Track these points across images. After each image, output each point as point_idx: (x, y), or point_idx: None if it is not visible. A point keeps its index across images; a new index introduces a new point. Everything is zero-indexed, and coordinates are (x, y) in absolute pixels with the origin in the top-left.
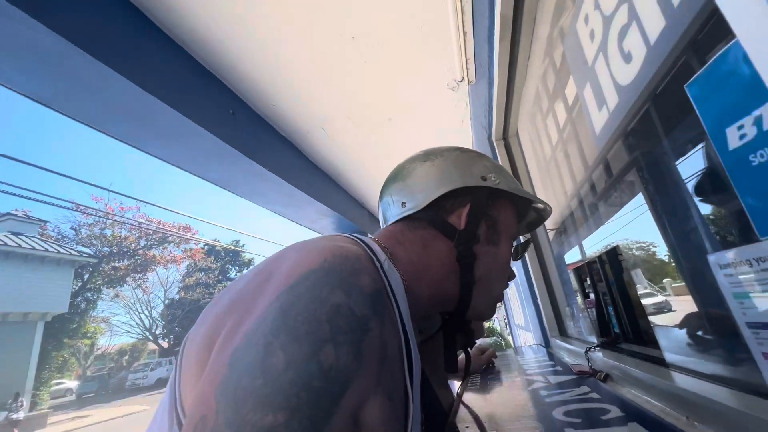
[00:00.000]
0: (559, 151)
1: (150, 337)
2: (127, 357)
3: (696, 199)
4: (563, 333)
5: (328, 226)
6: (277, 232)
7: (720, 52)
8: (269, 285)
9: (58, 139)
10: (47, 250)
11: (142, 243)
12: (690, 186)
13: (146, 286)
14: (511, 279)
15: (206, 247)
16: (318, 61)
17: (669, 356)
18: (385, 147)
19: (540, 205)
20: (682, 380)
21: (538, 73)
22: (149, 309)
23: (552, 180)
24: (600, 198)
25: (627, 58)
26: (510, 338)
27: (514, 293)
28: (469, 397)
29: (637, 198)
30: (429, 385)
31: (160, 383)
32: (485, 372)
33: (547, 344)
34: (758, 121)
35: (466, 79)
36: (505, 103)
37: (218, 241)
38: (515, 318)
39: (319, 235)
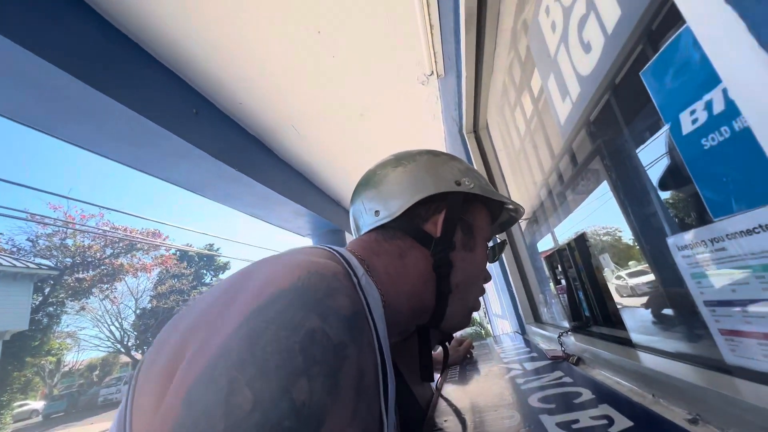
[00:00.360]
0: (527, 142)
1: (122, 349)
2: (97, 372)
3: (656, 184)
4: (538, 319)
5: (304, 225)
6: (253, 233)
7: (671, 38)
8: (235, 306)
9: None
10: (1, 265)
11: (108, 252)
12: (650, 172)
13: (115, 297)
14: (487, 281)
15: (178, 252)
16: (284, 56)
17: (635, 337)
18: (359, 143)
19: (513, 206)
20: (647, 360)
21: (505, 65)
22: (119, 320)
23: (522, 170)
24: (568, 186)
25: (587, 48)
26: (489, 327)
27: (491, 283)
28: (448, 390)
29: (603, 185)
30: (406, 385)
31: None
32: (464, 362)
33: (523, 331)
34: (709, 106)
35: (435, 73)
36: (474, 96)
37: (191, 245)
38: (492, 307)
39: (295, 235)
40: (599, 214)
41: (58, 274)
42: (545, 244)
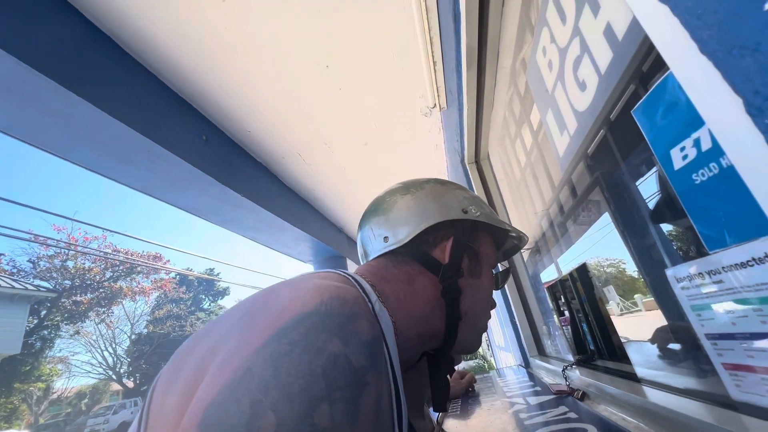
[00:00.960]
0: (528, 173)
1: (113, 376)
2: (86, 400)
3: (651, 217)
4: (542, 352)
5: (306, 251)
6: (253, 258)
7: (659, 80)
8: (256, 326)
9: (15, 166)
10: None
11: (108, 274)
12: (647, 205)
13: (111, 321)
14: (493, 308)
15: (178, 276)
16: (293, 88)
17: (640, 371)
18: (363, 171)
19: (517, 234)
20: (654, 395)
21: (505, 99)
22: (114, 345)
23: (523, 200)
24: (569, 217)
25: (582, 86)
26: (492, 360)
27: (494, 314)
28: (450, 425)
29: (604, 216)
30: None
31: (124, 427)
32: (466, 396)
33: (526, 364)
34: (697, 143)
35: (438, 105)
36: (476, 128)
37: (191, 269)
38: (496, 339)
39: (296, 261)
40: (602, 245)
41: (56, 296)
42: (549, 275)
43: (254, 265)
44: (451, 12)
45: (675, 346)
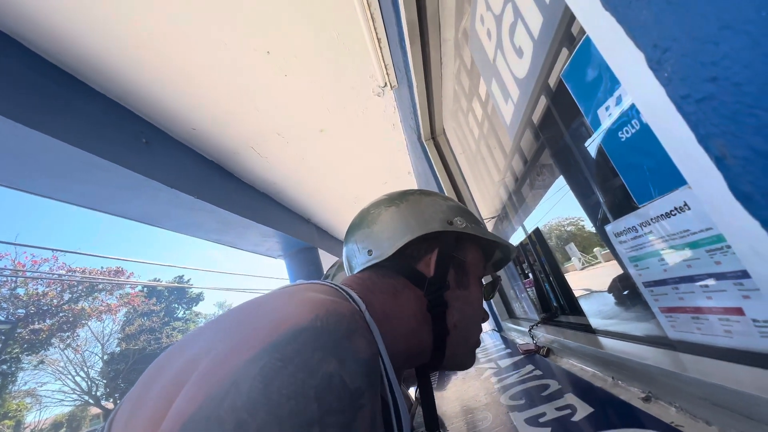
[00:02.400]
0: (482, 145)
1: (90, 400)
2: (64, 430)
3: (594, 176)
4: (512, 315)
5: (274, 246)
6: (225, 259)
7: (580, 42)
8: (246, 338)
9: None
10: None
11: (67, 297)
12: (590, 164)
13: (78, 345)
14: (485, 320)
15: (145, 289)
16: (234, 79)
17: (594, 322)
18: (322, 158)
19: (504, 244)
20: (607, 344)
21: (453, 73)
22: (85, 369)
23: (481, 172)
24: (524, 182)
25: (519, 53)
26: None
27: None
28: None
29: (560, 179)
30: None
31: None
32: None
33: (499, 328)
34: (619, 101)
35: (388, 84)
36: (428, 104)
37: (159, 280)
38: None
39: (266, 258)
40: (562, 205)
41: (10, 327)
42: (517, 240)
43: (227, 267)
44: None
45: (624, 295)
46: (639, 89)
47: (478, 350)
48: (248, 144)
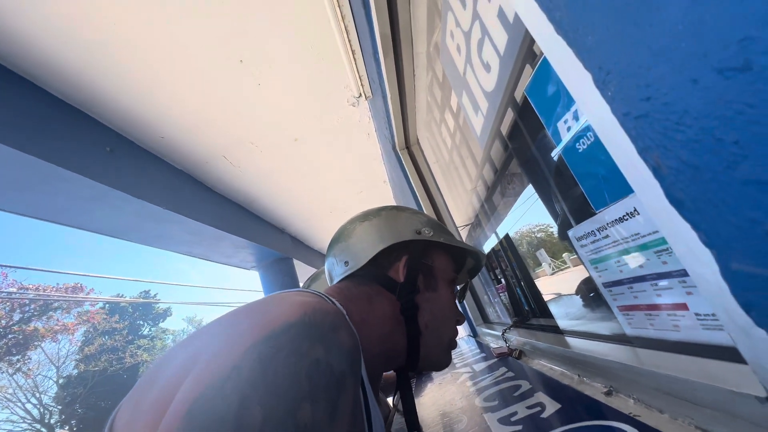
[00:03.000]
0: (455, 155)
1: (43, 429)
2: None
3: (558, 184)
4: (486, 320)
5: (247, 257)
6: (193, 272)
7: (540, 61)
8: (242, 334)
9: None
10: None
11: (17, 317)
12: (554, 173)
13: (29, 369)
14: (461, 323)
15: (107, 306)
16: (207, 87)
17: (562, 323)
18: (297, 167)
19: (473, 251)
20: (574, 343)
21: (425, 85)
22: (37, 395)
23: (455, 181)
24: (498, 191)
25: (487, 68)
26: None
27: None
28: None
29: (529, 187)
30: None
31: None
32: (419, 375)
33: (474, 334)
34: (576, 115)
35: (363, 94)
36: (402, 114)
37: (122, 295)
38: None
39: (239, 269)
40: (532, 212)
41: None
42: (489, 246)
43: (197, 279)
44: (361, 0)
45: (588, 298)
46: (589, 106)
47: (455, 356)
48: (220, 153)
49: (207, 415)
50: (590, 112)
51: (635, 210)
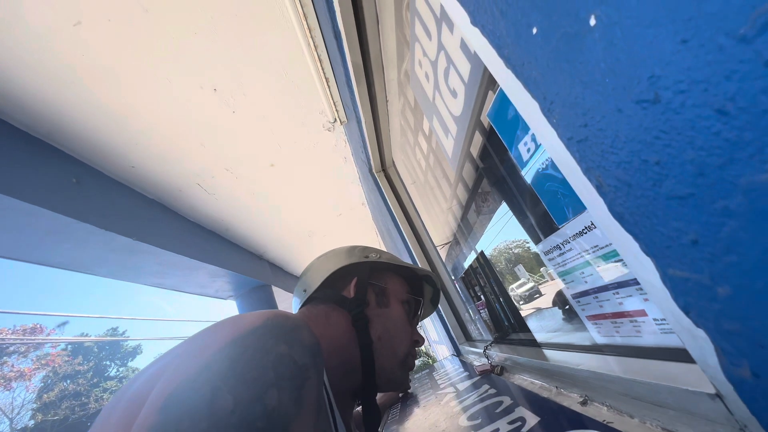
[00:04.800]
0: (430, 176)
1: None
2: None
3: (526, 201)
4: (468, 338)
5: (224, 287)
6: (166, 305)
7: (498, 89)
8: (209, 341)
9: None
10: None
11: None
12: (518, 191)
13: None
14: (419, 345)
15: (69, 347)
16: (180, 115)
17: (539, 337)
18: (273, 192)
19: (422, 273)
20: (551, 355)
21: (398, 110)
22: None
23: (431, 201)
24: (472, 209)
25: (454, 94)
26: (434, 354)
27: None
28: None
29: (503, 205)
30: None
31: None
32: (404, 399)
33: (457, 352)
34: (534, 138)
35: (338, 119)
36: (377, 138)
37: (87, 334)
38: (431, 335)
39: (216, 299)
40: (508, 229)
41: None
42: (468, 263)
43: (169, 313)
44: (332, 30)
45: (562, 310)
46: (539, 131)
47: (439, 377)
48: (194, 181)
49: (182, 405)
50: (541, 136)
51: (592, 224)
